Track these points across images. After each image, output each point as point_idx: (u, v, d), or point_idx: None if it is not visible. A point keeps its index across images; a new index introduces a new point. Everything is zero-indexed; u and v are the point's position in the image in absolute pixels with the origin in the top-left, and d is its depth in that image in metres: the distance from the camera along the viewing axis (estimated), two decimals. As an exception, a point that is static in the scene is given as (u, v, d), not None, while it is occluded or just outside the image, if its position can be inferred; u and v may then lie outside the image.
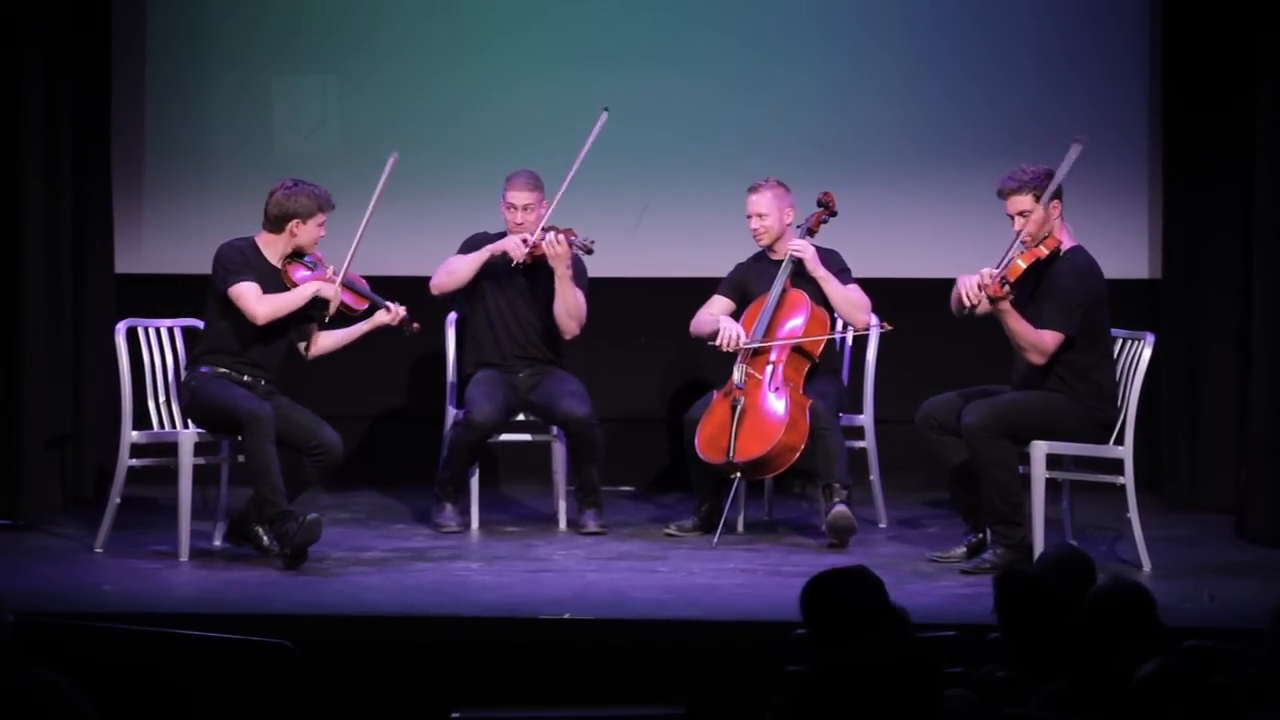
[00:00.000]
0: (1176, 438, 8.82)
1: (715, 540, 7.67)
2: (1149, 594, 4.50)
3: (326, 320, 7.55)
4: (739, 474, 7.69)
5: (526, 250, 7.90)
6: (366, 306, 7.57)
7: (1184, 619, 6.03)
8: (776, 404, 7.71)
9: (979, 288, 7.05)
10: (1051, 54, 9.11)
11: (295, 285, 7.43)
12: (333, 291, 7.41)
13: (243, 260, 7.39)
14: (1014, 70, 9.12)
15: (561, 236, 7.83)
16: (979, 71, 9.13)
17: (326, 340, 7.61)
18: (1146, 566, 7.18)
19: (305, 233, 7.44)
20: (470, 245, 8.11)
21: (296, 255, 7.48)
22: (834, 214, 8.00)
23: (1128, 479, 7.19)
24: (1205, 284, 8.74)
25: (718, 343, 7.84)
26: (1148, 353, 7.24)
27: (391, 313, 7.54)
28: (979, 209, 8.91)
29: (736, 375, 7.79)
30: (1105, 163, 8.75)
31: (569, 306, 7.94)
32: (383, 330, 7.60)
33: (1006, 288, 6.96)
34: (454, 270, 8.03)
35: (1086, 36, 9.11)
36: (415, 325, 7.60)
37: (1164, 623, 4.50)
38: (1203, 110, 8.68)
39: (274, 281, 7.43)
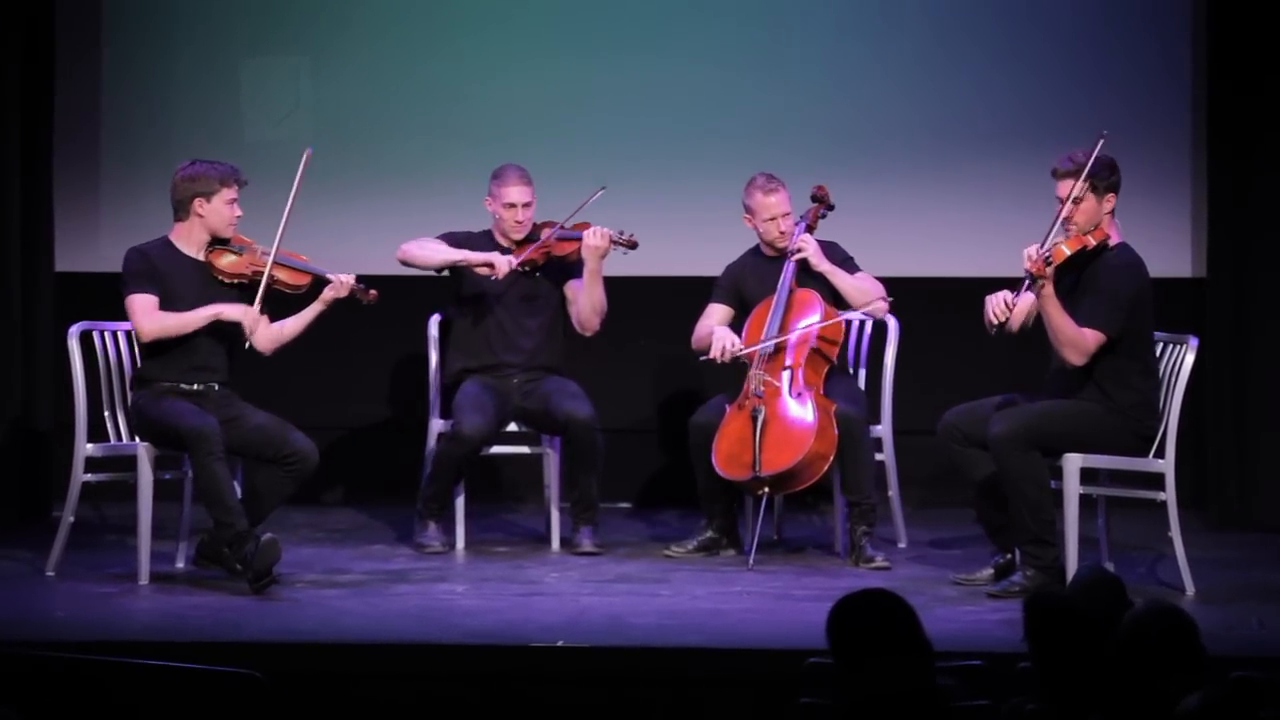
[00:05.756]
0: (1222, 450, 8.81)
1: (751, 561, 7.67)
2: (1191, 620, 4.49)
3: (263, 308, 7.43)
4: (767, 489, 7.69)
5: (509, 271, 7.91)
6: (308, 282, 7.51)
7: (1230, 647, 6.03)
8: (802, 411, 7.71)
9: (1005, 304, 7.06)
10: (1081, 33, 9.11)
11: (222, 274, 7.40)
12: (241, 313, 7.32)
13: (144, 268, 7.34)
14: (1040, 53, 9.12)
15: (605, 231, 7.86)
16: (1002, 54, 9.13)
17: (278, 330, 7.51)
18: (1190, 590, 7.17)
19: (213, 212, 7.39)
20: (452, 240, 8.09)
21: (220, 243, 7.45)
22: (831, 207, 8.02)
23: (1169, 495, 7.17)
24: (1253, 283, 8.73)
25: (711, 355, 7.83)
26: (1191, 358, 7.22)
27: (338, 283, 7.46)
28: (1003, 203, 8.94)
29: (753, 384, 7.79)
30: (1142, 150, 8.74)
31: (595, 303, 8.00)
32: (339, 305, 7.49)
33: (1050, 269, 6.96)
34: (428, 253, 8.00)
35: (1121, 13, 9.11)
36: (371, 293, 7.52)
37: (1209, 651, 4.49)
38: (1251, 94, 8.67)
39: (197, 276, 7.39)
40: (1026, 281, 7.01)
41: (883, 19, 9.17)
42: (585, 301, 8.01)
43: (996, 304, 7.11)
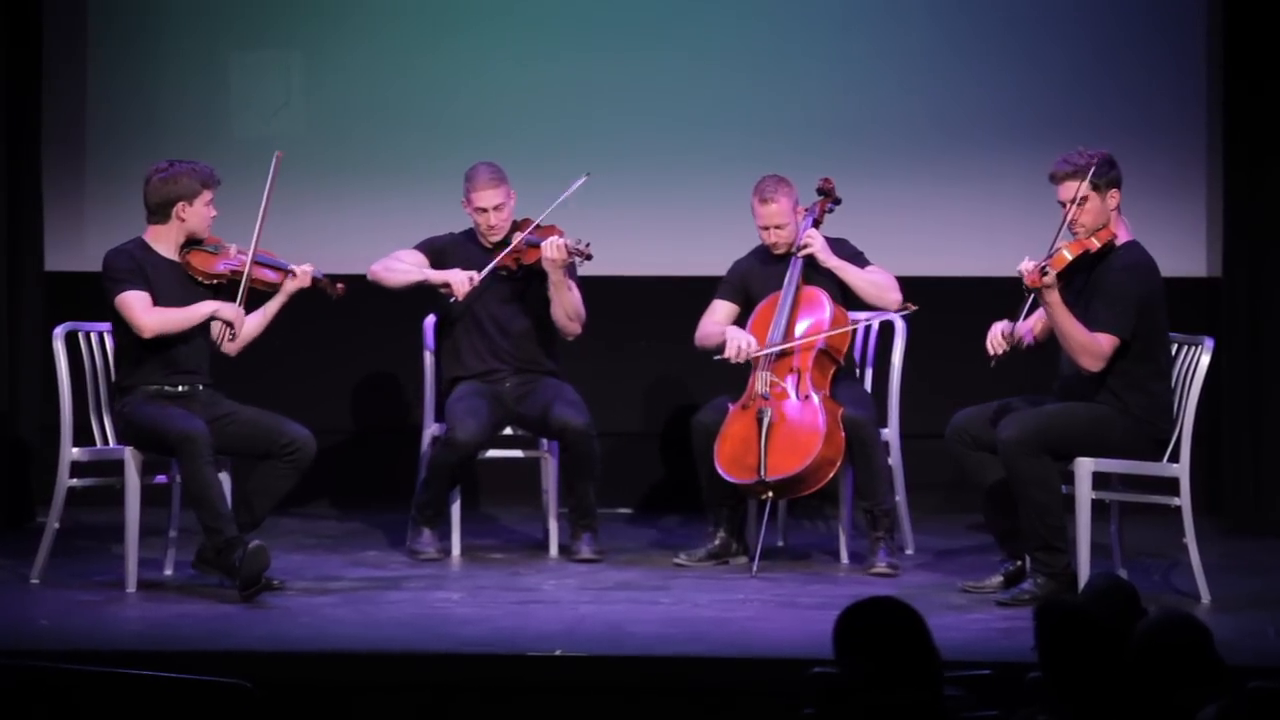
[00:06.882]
0: (1238, 454, 8.81)
1: (755, 568, 7.65)
2: (1206, 628, 4.48)
3: (245, 310, 7.45)
4: (770, 494, 7.67)
5: (469, 290, 7.88)
6: (283, 280, 7.53)
7: (1247, 656, 6.02)
8: (809, 414, 7.69)
9: (1002, 336, 7.07)
10: (1093, 30, 9.10)
11: (200, 274, 7.40)
12: (233, 313, 7.33)
13: (131, 266, 7.33)
14: (1050, 50, 9.11)
15: (562, 243, 7.82)
16: (1011, 51, 9.13)
17: (244, 329, 7.52)
18: (1205, 597, 7.16)
19: (194, 215, 7.39)
20: (430, 247, 8.06)
21: (194, 243, 7.45)
22: (838, 201, 7.99)
23: (1184, 500, 7.16)
24: (1270, 282, 8.73)
25: (726, 355, 7.80)
26: (1206, 359, 7.21)
27: (298, 275, 7.47)
28: (1011, 201, 8.94)
29: (759, 385, 7.76)
30: (1157, 149, 8.74)
31: (567, 310, 7.95)
32: (301, 295, 7.48)
33: (1047, 278, 6.94)
34: (393, 275, 7.98)
35: (1134, 9, 9.10)
36: (338, 286, 7.54)
37: (1224, 661, 4.47)
38: (1266, 92, 8.66)
39: (175, 277, 7.38)
40: (1028, 298, 7.00)
41: (888, 14, 9.16)
42: (558, 309, 7.98)
43: (994, 337, 7.13)
